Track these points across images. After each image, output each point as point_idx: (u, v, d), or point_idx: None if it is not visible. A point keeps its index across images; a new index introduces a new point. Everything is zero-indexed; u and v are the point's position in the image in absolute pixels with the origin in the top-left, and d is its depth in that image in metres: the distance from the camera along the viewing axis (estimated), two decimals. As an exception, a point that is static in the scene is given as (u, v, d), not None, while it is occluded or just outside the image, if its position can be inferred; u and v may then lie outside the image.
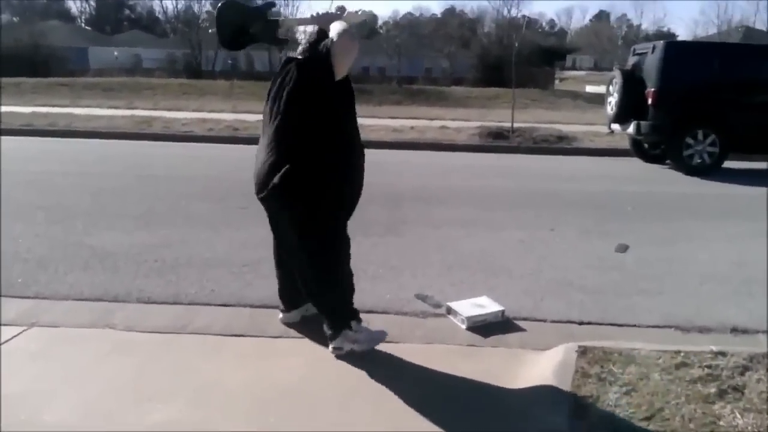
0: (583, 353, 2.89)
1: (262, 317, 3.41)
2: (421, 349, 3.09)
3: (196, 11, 45.36)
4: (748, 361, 2.80)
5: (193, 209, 5.91)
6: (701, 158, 9.03)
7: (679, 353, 2.88)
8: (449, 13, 70.52)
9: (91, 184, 6.97)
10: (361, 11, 3.11)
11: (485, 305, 3.51)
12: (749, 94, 9.09)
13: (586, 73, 54.76)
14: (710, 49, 10.52)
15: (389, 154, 9.98)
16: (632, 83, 9.34)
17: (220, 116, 14.87)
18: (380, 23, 65.68)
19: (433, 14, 78.20)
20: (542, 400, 2.58)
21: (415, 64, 39.68)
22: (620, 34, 71.46)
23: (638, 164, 10.14)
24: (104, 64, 39.46)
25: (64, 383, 2.61)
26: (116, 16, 71.36)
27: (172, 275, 4.06)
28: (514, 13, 53.19)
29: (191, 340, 3.13)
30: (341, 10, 3.14)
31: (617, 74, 9.74)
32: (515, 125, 12.40)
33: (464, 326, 3.34)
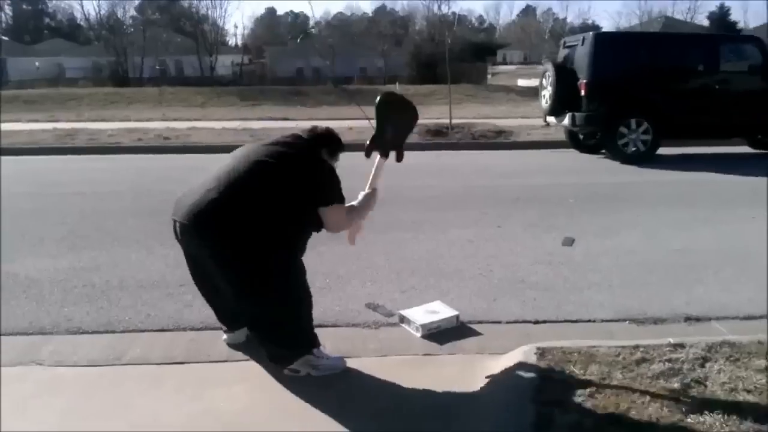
0: (542, 355, 2.81)
1: (204, 340, 3.19)
2: (375, 362, 2.95)
3: (120, 16, 43.89)
4: (706, 351, 2.78)
5: (122, 227, 5.56)
6: (636, 146, 9.22)
7: (638, 348, 2.83)
8: (381, 11, 70.72)
9: (9, 205, 6.47)
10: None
11: (439, 311, 3.39)
12: (678, 81, 9.34)
13: (516, 67, 55.84)
14: (638, 38, 10.84)
15: (329, 156, 9.74)
16: (564, 75, 9.45)
17: (148, 125, 14.32)
18: (312, 24, 65.26)
19: (364, 13, 78.29)
20: (504, 407, 2.47)
21: (349, 64, 39.61)
22: (547, 28, 73.27)
23: (575, 155, 10.30)
24: (25, 75, 37.75)
25: (-20, 435, 2.33)
26: (35, 24, 68.36)
27: (103, 301, 3.77)
28: (444, 9, 53.78)
29: (127, 372, 2.88)
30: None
31: (549, 67, 9.84)
32: (453, 121, 12.42)
33: (419, 334, 3.21)
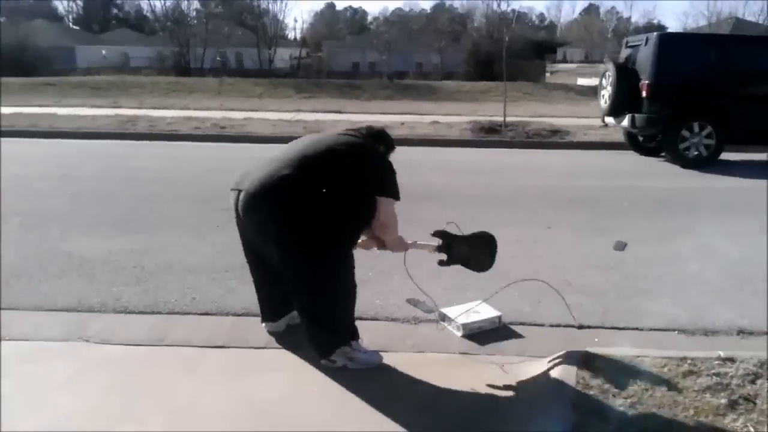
0: (584, 362, 2.73)
1: (245, 326, 3.23)
2: (412, 358, 2.92)
3: (184, 9, 45.04)
4: (758, 367, 2.64)
5: (174, 212, 5.70)
6: (697, 151, 8.88)
7: (685, 360, 2.72)
8: (439, 8, 70.12)
9: (70, 187, 6.74)
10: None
11: (481, 311, 3.33)
12: (745, 84, 8.93)
13: (576, 65, 54.63)
14: (704, 40, 10.39)
15: (380, 151, 9.76)
16: (626, 75, 9.17)
17: (206, 114, 14.61)
18: (370, 19, 65.36)
19: (422, 9, 77.96)
20: (540, 412, 2.41)
21: (405, 59, 39.54)
22: (610, 27, 71.37)
23: (633, 158, 9.99)
24: (92, 63, 39.17)
25: (28, 405, 2.42)
26: (104, 15, 70.85)
27: (151, 283, 3.87)
28: (504, 7, 52.93)
29: (169, 353, 2.94)
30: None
31: (610, 67, 9.57)
32: (508, 119, 12.24)
33: (459, 333, 3.17)
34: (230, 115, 14.36)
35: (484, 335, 3.16)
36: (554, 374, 2.67)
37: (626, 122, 9.23)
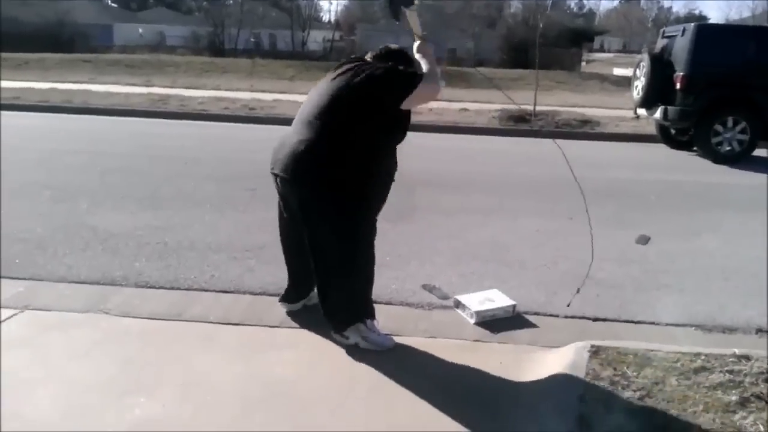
0: (595, 353, 2.71)
1: (261, 305, 3.28)
2: (425, 342, 2.94)
3: (220, -12, 45.12)
4: (773, 366, 2.60)
5: (200, 190, 5.79)
6: (730, 146, 8.67)
7: (699, 356, 2.68)
8: (475, -7, 69.27)
9: (100, 162, 6.89)
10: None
11: (495, 299, 3.34)
12: (784, 80, 8.66)
13: (614, 55, 53.53)
14: (743, 32, 10.06)
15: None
16: (660, 66, 8.99)
17: (237, 95, 14.73)
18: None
19: (458, -6, 76.91)
20: (549, 402, 2.42)
21: (438, 44, 39.20)
22: (650, 16, 69.65)
23: (664, 151, 9.80)
24: (129, 41, 39.56)
25: (47, 374, 2.50)
26: (142, -8, 71.41)
27: (172, 259, 3.95)
28: (541, -7, 51.91)
29: (186, 328, 3.01)
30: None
31: (645, 57, 9.37)
32: (538, 108, 12.08)
33: (473, 321, 3.17)
34: (260, 96, 14.46)
35: (497, 323, 3.16)
36: (563, 364, 2.66)
37: (659, 114, 9.04)
